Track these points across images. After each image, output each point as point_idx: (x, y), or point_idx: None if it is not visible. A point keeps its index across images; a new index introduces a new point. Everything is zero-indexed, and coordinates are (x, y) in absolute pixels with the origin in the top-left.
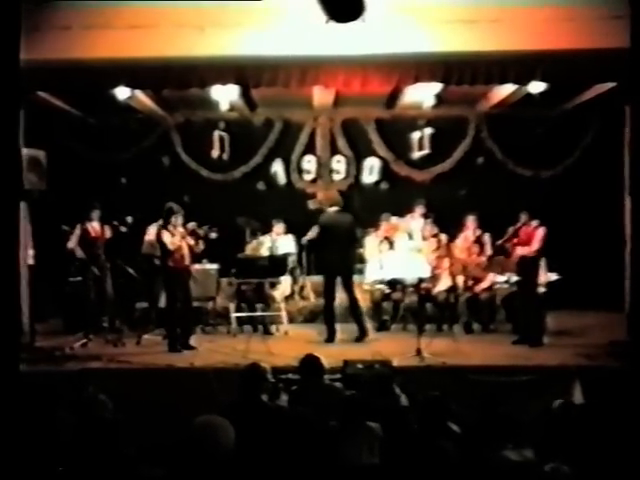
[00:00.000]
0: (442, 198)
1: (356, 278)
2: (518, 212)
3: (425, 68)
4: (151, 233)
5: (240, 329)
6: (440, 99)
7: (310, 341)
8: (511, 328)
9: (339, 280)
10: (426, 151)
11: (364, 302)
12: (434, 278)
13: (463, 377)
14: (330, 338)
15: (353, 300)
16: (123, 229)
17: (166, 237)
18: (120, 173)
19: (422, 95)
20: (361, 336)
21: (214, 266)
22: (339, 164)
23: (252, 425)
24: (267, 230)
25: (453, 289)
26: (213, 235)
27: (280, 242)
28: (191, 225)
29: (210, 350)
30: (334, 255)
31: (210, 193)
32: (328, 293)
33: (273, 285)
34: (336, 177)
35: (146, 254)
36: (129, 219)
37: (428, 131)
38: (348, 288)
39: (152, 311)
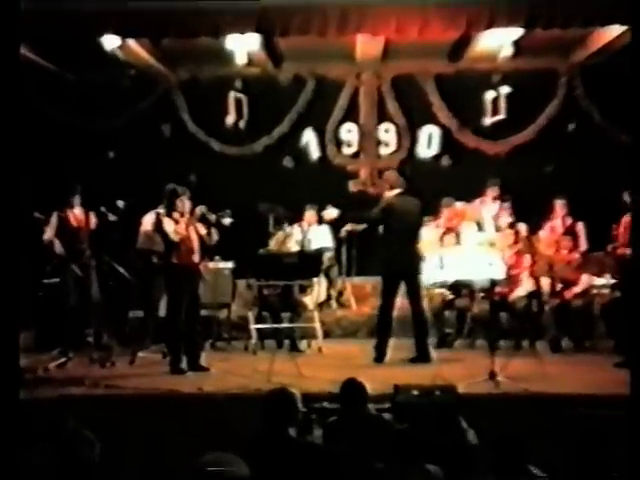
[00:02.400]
0: (522, 177)
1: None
2: (621, 195)
3: (502, 8)
4: (148, 222)
5: (262, 345)
6: (521, 48)
7: (351, 360)
8: (613, 346)
9: (401, 284)
10: (501, 116)
11: None
12: (511, 280)
13: (550, 409)
14: (379, 357)
15: (419, 312)
16: (112, 217)
17: (168, 226)
18: (108, 145)
19: (497, 43)
20: (419, 358)
21: (229, 264)
22: (388, 134)
23: (276, 466)
24: (296, 219)
25: (536, 294)
26: (227, 221)
27: (313, 234)
28: (200, 209)
29: (224, 371)
30: (398, 251)
31: (223, 171)
32: (387, 300)
33: (304, 289)
34: (384, 150)
35: (142, 249)
36: (120, 204)
37: (504, 90)
38: (414, 295)
39: (149, 322)
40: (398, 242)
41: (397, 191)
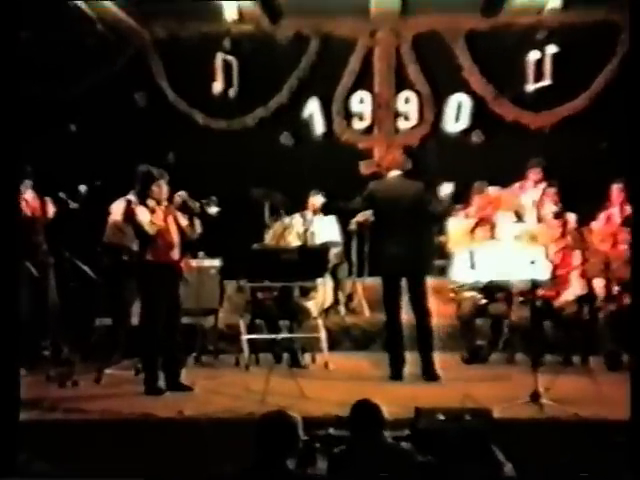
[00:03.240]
0: (571, 156)
1: (433, 281)
2: None
3: None
4: (117, 211)
5: (256, 359)
6: None
7: (363, 378)
8: None
9: (404, 284)
10: (547, 81)
11: (446, 319)
12: (557, 281)
13: (605, 438)
14: (395, 374)
15: (421, 316)
16: (74, 205)
17: (142, 216)
18: (68, 117)
19: None
20: (428, 375)
21: (215, 262)
22: (408, 105)
23: None
24: (297, 207)
25: (588, 299)
26: (213, 210)
27: (317, 226)
28: (180, 196)
29: (209, 391)
30: (394, 245)
31: (209, 150)
32: (390, 304)
33: (306, 292)
34: (403, 125)
35: (110, 243)
36: (83, 189)
37: (551, 50)
38: (415, 296)
39: (119, 331)
40: (389, 235)
41: (394, 173)
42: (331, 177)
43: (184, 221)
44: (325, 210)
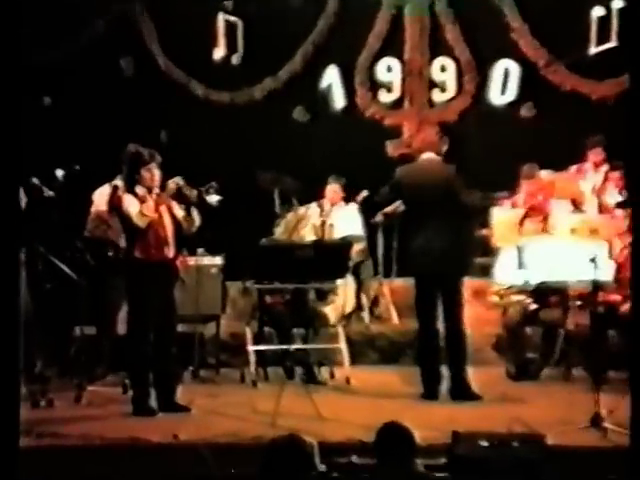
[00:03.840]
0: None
1: (475, 282)
2: None
3: None
4: (101, 200)
5: (264, 374)
6: None
7: (391, 396)
8: None
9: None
10: (612, 43)
11: (490, 327)
12: (623, 283)
13: None
14: (429, 391)
15: (453, 323)
16: (49, 193)
17: (130, 205)
18: (42, 88)
19: None
20: (458, 393)
21: (217, 260)
22: (445, 73)
23: None
24: (313, 195)
25: None
26: (214, 199)
27: (337, 217)
28: (175, 182)
29: (210, 412)
30: (428, 240)
31: (209, 127)
32: (424, 309)
33: (323, 295)
34: (439, 97)
35: (93, 238)
36: (59, 174)
37: (617, 4)
38: (448, 302)
39: (104, 341)
40: (422, 228)
41: (427, 156)
42: (352, 160)
43: (180, 212)
44: (346, 199)
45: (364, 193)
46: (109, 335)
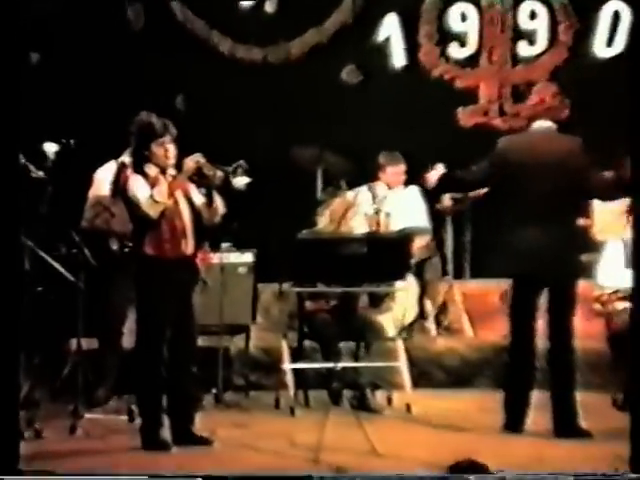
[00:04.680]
0: None
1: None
2: None
3: None
4: (104, 182)
5: (305, 398)
6: None
7: (464, 427)
8: None
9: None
10: None
11: (590, 340)
12: None
13: None
14: (513, 422)
15: (562, 340)
16: (38, 174)
17: (139, 189)
18: (30, 43)
19: None
20: (566, 428)
21: (246, 257)
22: (534, 21)
23: None
24: (365, 177)
25: None
26: (242, 182)
27: (395, 204)
28: (194, 160)
29: (237, 445)
30: (534, 233)
31: (236, 91)
32: (520, 320)
33: (378, 301)
34: (526, 50)
35: (93, 229)
36: (51, 150)
37: None
38: (560, 313)
39: (107, 358)
40: (526, 218)
41: (540, 125)
42: (415, 132)
43: (200, 197)
44: (407, 181)
45: (439, 169)
46: (113, 349)
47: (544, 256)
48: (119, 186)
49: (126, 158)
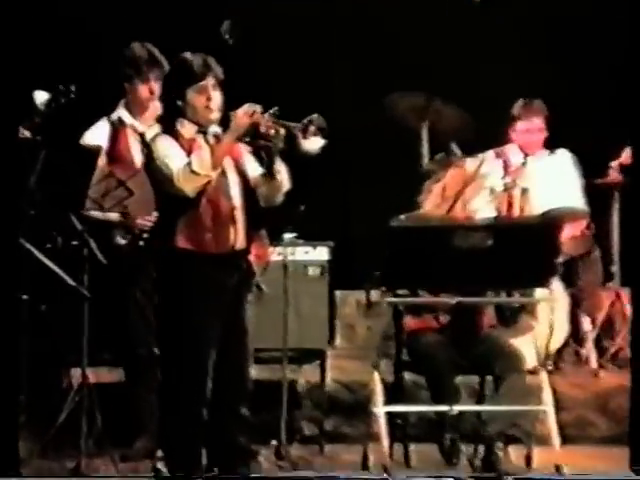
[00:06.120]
0: None
1: None
2: None
3: None
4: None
5: (404, 455)
6: None
7: None
8: None
9: None
10: None
11: None
12: None
13: None
14: None
15: None
16: (24, 133)
17: (170, 154)
18: None
19: None
20: None
21: (320, 253)
22: None
23: None
24: (490, 138)
25: None
26: (316, 145)
27: (535, 176)
28: (248, 112)
29: None
30: None
31: (305, 13)
32: None
33: (511, 316)
34: None
35: (102, 212)
36: (41, 100)
37: None
38: None
39: (142, 394)
40: None
41: None
42: (560, 70)
43: (256, 167)
44: (550, 143)
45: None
46: (134, 381)
47: None
48: (117, 153)
49: (122, 112)
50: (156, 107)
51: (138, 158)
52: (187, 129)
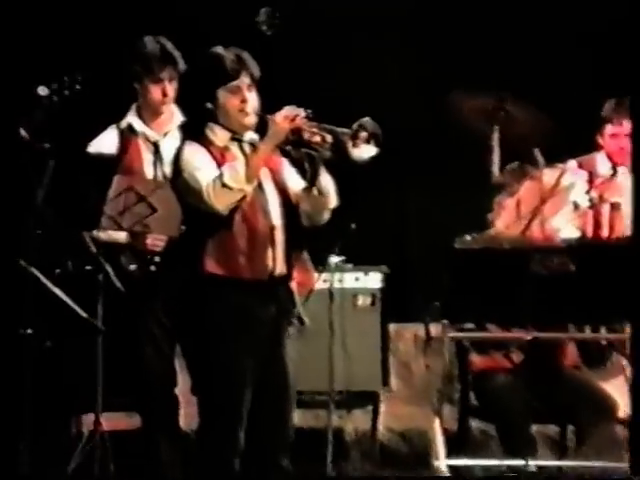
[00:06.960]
0: None
1: None
2: None
3: None
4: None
5: None
6: None
7: None
8: None
9: None
10: None
11: None
12: None
13: None
14: None
15: None
16: (23, 134)
17: (199, 166)
18: None
19: None
20: None
21: (372, 279)
22: None
23: None
24: (575, 143)
25: None
26: (367, 153)
27: (626, 188)
28: (288, 116)
29: None
30: None
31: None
32: None
33: (597, 354)
34: None
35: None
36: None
37: None
38: None
39: (162, 444)
40: None
41: None
42: None
43: (298, 180)
44: None
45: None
46: (159, 432)
47: None
48: (127, 165)
49: (133, 119)
50: (171, 112)
51: (150, 170)
52: (219, 136)
